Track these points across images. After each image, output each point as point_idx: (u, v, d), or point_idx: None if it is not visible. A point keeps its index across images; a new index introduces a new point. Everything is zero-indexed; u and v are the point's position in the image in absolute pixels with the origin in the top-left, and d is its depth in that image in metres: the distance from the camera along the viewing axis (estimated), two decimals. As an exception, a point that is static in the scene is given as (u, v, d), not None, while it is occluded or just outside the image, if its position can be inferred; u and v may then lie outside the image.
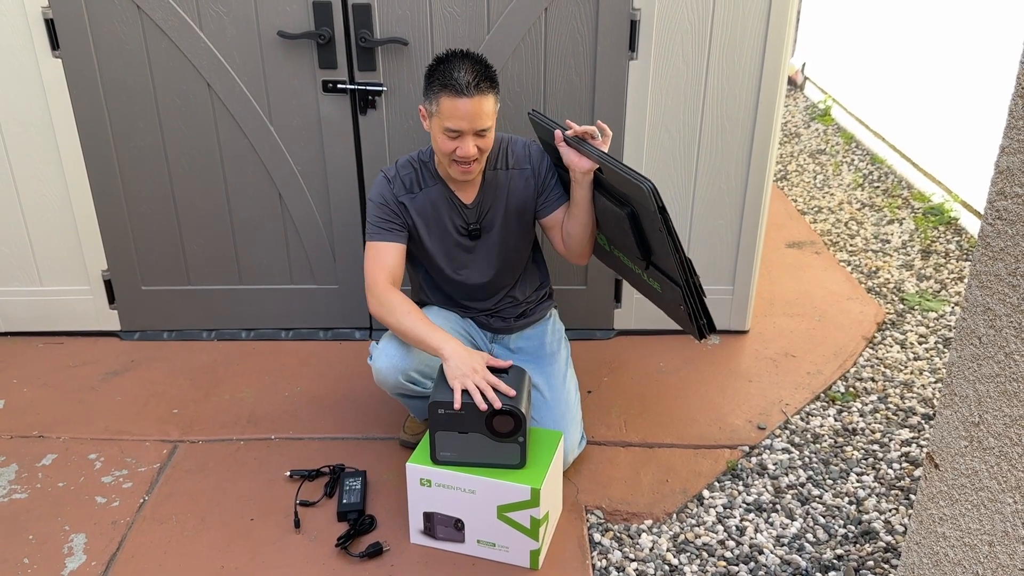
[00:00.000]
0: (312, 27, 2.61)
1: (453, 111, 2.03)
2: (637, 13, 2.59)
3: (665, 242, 1.98)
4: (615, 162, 2.00)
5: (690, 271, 2.02)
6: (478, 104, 2.03)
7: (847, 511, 2.26)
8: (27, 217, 2.88)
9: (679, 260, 1.98)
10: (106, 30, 2.61)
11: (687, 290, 2.02)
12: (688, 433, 2.56)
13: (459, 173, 2.15)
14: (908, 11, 4.69)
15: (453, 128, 2.05)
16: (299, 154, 2.80)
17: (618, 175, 1.99)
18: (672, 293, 2.11)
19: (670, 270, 2.05)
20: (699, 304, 2.06)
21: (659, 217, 1.92)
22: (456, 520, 2.07)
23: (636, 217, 2.06)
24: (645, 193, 1.90)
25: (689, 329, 2.12)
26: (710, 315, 2.08)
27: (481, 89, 2.03)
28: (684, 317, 2.11)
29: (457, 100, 2.01)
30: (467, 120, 2.04)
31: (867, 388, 2.78)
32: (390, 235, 2.23)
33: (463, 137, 2.07)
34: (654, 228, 1.99)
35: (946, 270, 3.56)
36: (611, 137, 2.24)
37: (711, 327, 2.09)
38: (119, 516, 2.25)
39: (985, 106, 3.83)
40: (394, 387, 2.22)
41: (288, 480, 2.37)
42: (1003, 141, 1.28)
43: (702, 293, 2.06)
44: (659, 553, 2.12)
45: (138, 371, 2.88)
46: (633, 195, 2.00)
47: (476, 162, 2.13)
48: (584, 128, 2.14)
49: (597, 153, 2.08)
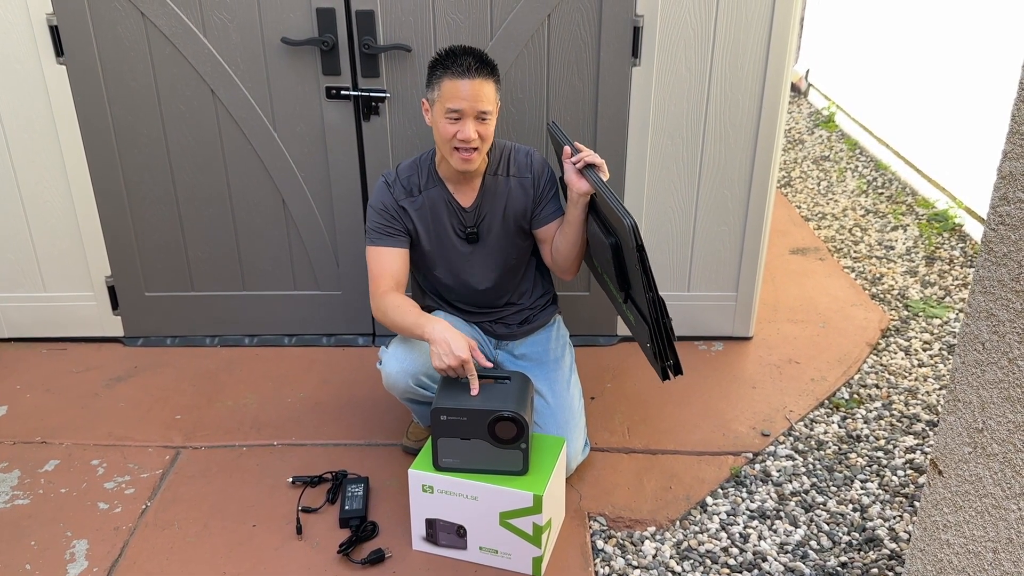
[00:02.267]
0: (316, 34, 2.61)
1: (454, 91, 2.07)
2: (640, 19, 2.59)
3: (640, 279, 1.98)
4: (609, 192, 2.02)
5: (661, 312, 2.00)
6: (479, 86, 2.07)
7: (851, 518, 2.25)
8: (31, 223, 2.89)
9: (651, 299, 1.98)
10: (110, 37, 2.62)
11: (654, 329, 2.01)
12: (691, 440, 2.55)
13: (460, 162, 2.15)
14: (911, 17, 4.69)
15: (454, 108, 2.08)
16: (302, 160, 2.81)
17: (607, 205, 2.01)
18: (642, 330, 2.10)
19: (642, 306, 2.05)
20: (667, 345, 2.05)
21: (635, 255, 1.94)
22: (458, 527, 2.06)
23: (619, 249, 2.07)
24: (626, 228, 1.91)
25: (655, 367, 2.11)
26: (677, 358, 2.06)
27: (483, 73, 2.08)
28: (650, 355, 2.11)
29: (458, 81, 2.07)
30: (468, 100, 2.07)
31: (871, 395, 2.77)
32: (391, 240, 2.25)
33: (464, 120, 2.09)
34: (632, 263, 2.00)
35: (950, 276, 3.55)
36: (604, 166, 2.23)
37: (677, 370, 2.07)
38: (121, 522, 2.24)
39: (989, 112, 3.82)
40: (403, 392, 2.22)
41: (290, 486, 2.37)
42: (1006, 146, 1.27)
43: (671, 335, 2.04)
44: (662, 560, 2.12)
45: (141, 377, 2.89)
46: (617, 228, 2.01)
47: (476, 151, 2.14)
48: (591, 158, 2.14)
49: (595, 179, 2.10)
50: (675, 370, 2.07)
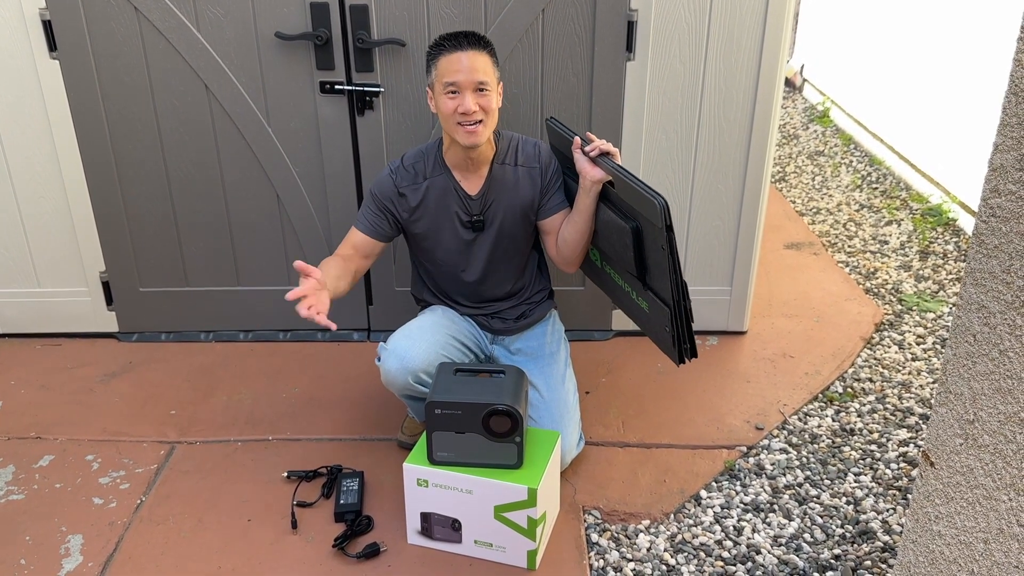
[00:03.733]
0: (310, 28, 2.61)
1: (450, 66, 2.11)
2: (634, 14, 2.59)
3: (664, 261, 1.99)
4: (630, 176, 2.02)
5: (684, 294, 2.02)
6: (474, 57, 2.11)
7: (844, 511, 2.26)
8: (25, 219, 2.89)
9: (676, 282, 1.98)
10: (104, 32, 2.62)
11: (676, 312, 2.02)
12: (686, 433, 2.56)
13: (465, 136, 2.15)
14: (906, 13, 4.70)
15: (451, 81, 2.10)
16: (297, 155, 2.80)
17: (631, 188, 2.00)
18: (660, 315, 2.11)
19: (662, 291, 2.06)
20: (686, 329, 2.07)
21: (664, 236, 1.94)
22: (453, 520, 2.07)
23: (640, 232, 2.07)
24: (657, 209, 1.91)
25: (670, 353, 2.12)
26: (694, 341, 2.09)
27: (475, 46, 2.12)
28: (668, 339, 2.11)
29: (453, 54, 2.11)
30: (464, 72, 2.09)
31: (865, 388, 2.78)
32: (369, 226, 2.31)
33: (462, 93, 2.10)
34: (656, 246, 2.00)
35: (944, 271, 3.57)
36: (618, 154, 2.23)
37: (693, 353, 2.10)
38: (116, 517, 2.24)
39: (982, 108, 3.83)
40: (402, 388, 2.23)
41: (285, 481, 2.37)
42: (996, 138, 1.28)
43: (691, 319, 2.07)
44: (656, 553, 2.12)
45: (136, 372, 2.88)
46: (642, 210, 2.00)
47: (481, 124, 2.14)
48: (605, 147, 2.14)
49: (612, 165, 2.09)
50: (692, 354, 2.10)
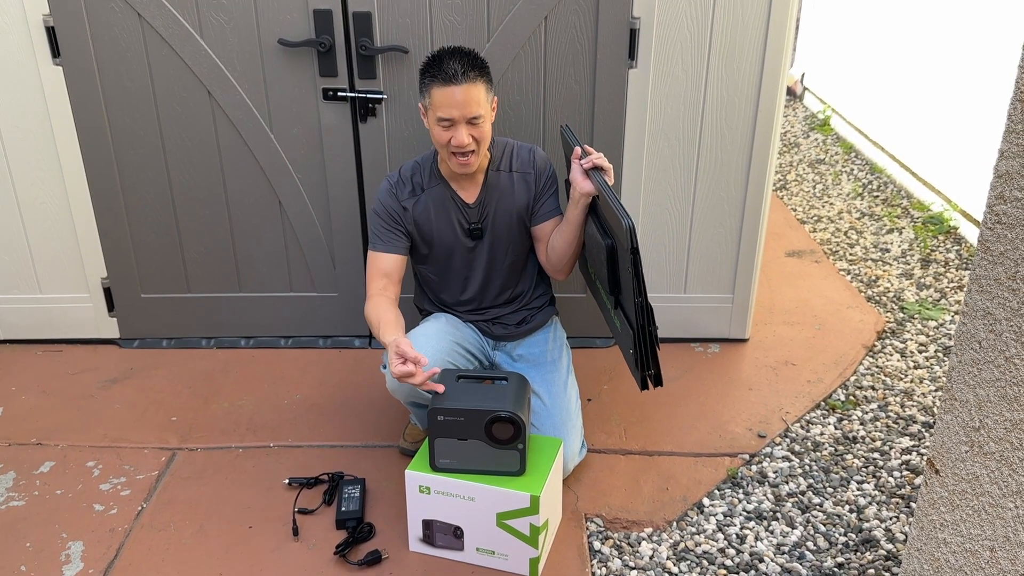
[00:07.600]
0: (313, 35, 2.61)
1: (443, 100, 2.07)
2: (637, 22, 2.60)
3: (631, 283, 1.98)
4: (611, 194, 2.02)
5: (648, 318, 1.99)
6: (467, 92, 2.07)
7: (847, 519, 2.26)
8: (27, 224, 2.89)
9: (640, 305, 1.97)
10: (107, 38, 2.62)
11: (639, 336, 2.00)
12: (688, 441, 2.55)
13: (458, 166, 2.17)
14: (907, 21, 4.71)
15: (445, 117, 2.08)
16: (299, 162, 2.81)
17: (608, 205, 2.01)
18: (627, 336, 2.09)
19: (629, 312, 2.05)
20: (650, 354, 2.02)
21: (630, 257, 1.94)
22: (455, 528, 2.06)
23: (614, 251, 2.08)
24: (624, 229, 1.91)
25: (635, 376, 2.09)
26: (659, 368, 2.03)
27: (470, 77, 2.07)
28: (632, 362, 2.09)
29: (446, 88, 2.06)
30: (457, 108, 2.07)
31: (867, 396, 2.77)
32: (387, 245, 2.28)
33: (456, 126, 2.09)
34: (625, 266, 2.00)
35: (946, 279, 3.56)
36: (611, 171, 2.23)
37: (657, 380, 2.03)
38: (117, 524, 2.24)
39: (984, 116, 3.84)
40: (407, 396, 2.22)
41: (287, 488, 2.36)
42: (1002, 145, 1.28)
43: (655, 344, 2.02)
44: (659, 561, 2.11)
45: (137, 379, 2.88)
46: (616, 229, 2.01)
47: (474, 154, 2.15)
48: (599, 161, 2.14)
49: (600, 180, 2.10)
50: (655, 381, 2.04)
